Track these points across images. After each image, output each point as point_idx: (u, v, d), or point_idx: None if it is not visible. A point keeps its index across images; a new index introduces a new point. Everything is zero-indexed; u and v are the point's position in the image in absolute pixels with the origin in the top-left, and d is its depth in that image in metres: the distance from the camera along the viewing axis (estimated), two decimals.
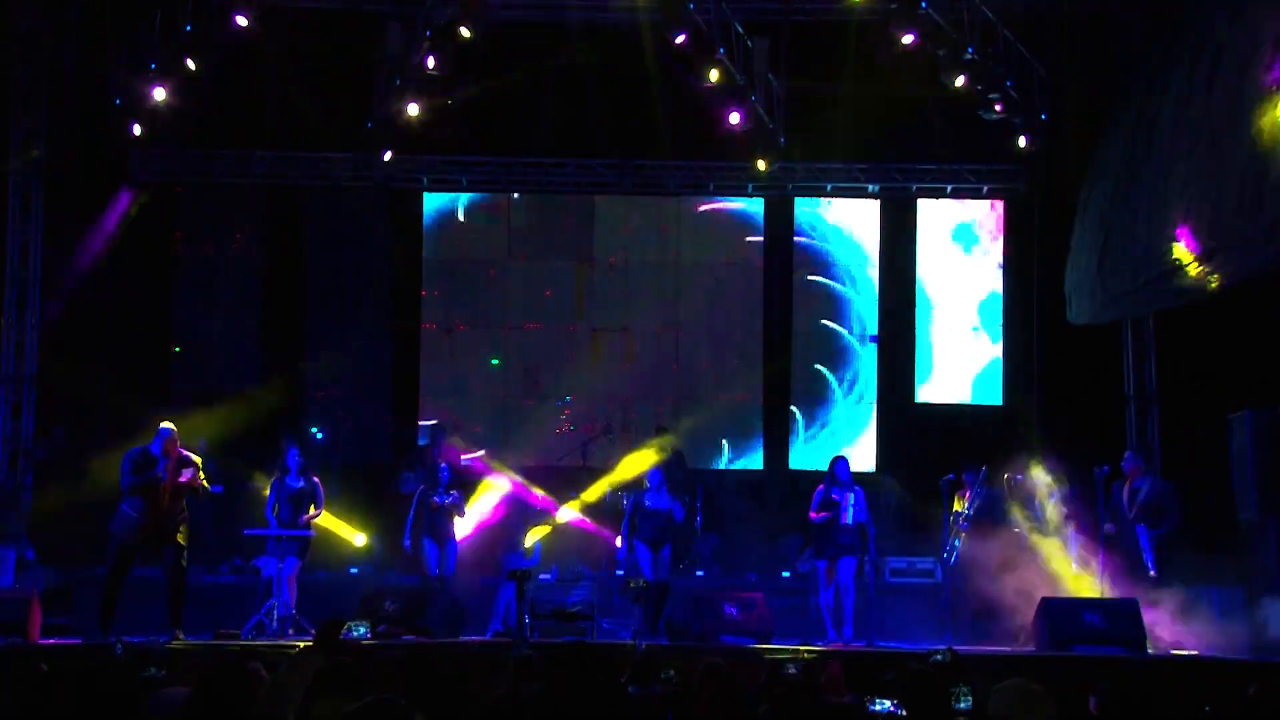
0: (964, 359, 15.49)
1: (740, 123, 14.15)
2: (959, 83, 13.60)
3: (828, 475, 11.48)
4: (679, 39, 13.49)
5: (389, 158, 14.64)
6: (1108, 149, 12.94)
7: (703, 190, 15.69)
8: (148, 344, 14.89)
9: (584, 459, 14.54)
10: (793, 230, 15.68)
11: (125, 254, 14.38)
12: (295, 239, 15.47)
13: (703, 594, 11.61)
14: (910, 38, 13.42)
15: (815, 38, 14.41)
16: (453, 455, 13.28)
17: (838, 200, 15.67)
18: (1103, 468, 11.13)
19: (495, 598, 11.51)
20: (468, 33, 13.57)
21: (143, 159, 14.74)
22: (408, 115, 13.97)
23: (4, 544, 11.92)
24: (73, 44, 13.64)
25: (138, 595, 10.53)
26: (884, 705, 4.73)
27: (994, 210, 15.60)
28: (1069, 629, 10.24)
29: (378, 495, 13.86)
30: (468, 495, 12.42)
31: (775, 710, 5.22)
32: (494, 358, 15.69)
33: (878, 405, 15.47)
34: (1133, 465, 11.39)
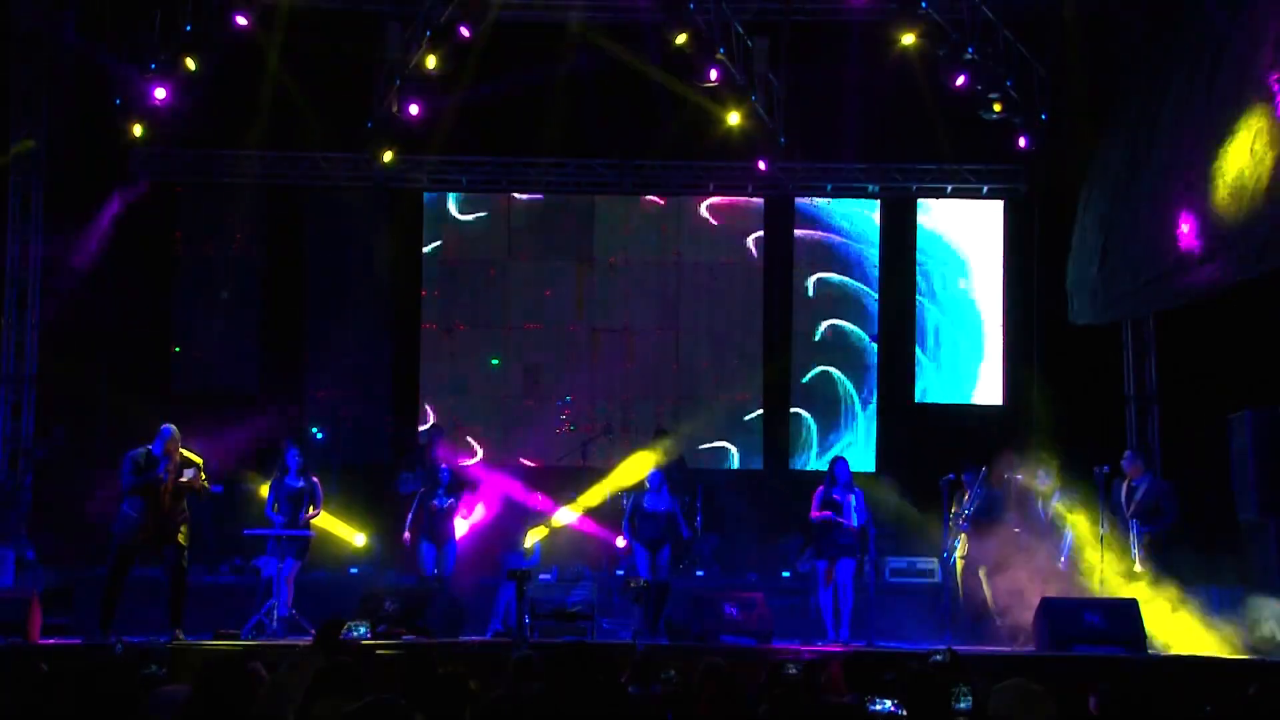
0: (964, 359, 15.50)
1: (740, 123, 14.16)
2: (959, 83, 13.61)
3: (827, 476, 11.47)
4: (679, 39, 13.51)
5: (389, 158, 14.66)
6: (1108, 149, 12.94)
7: (703, 190, 15.69)
8: (148, 344, 14.89)
9: (584, 459, 14.56)
10: (792, 230, 15.67)
11: (125, 254, 14.37)
12: (295, 239, 15.46)
13: (703, 594, 11.59)
14: (910, 38, 13.44)
15: (815, 38, 14.42)
16: (449, 456, 13.27)
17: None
18: (1103, 467, 11.13)
19: (495, 598, 11.51)
20: (468, 33, 13.59)
21: (143, 159, 14.73)
22: (408, 115, 13.97)
23: (4, 544, 11.90)
24: (73, 44, 13.62)
25: (138, 595, 10.52)
26: (884, 705, 4.72)
27: (994, 210, 15.60)
28: (1069, 629, 10.23)
29: (378, 495, 13.85)
30: (466, 496, 12.42)
31: (775, 710, 5.22)
32: (494, 358, 15.68)
33: (878, 405, 15.48)
34: (1132, 464, 11.39)
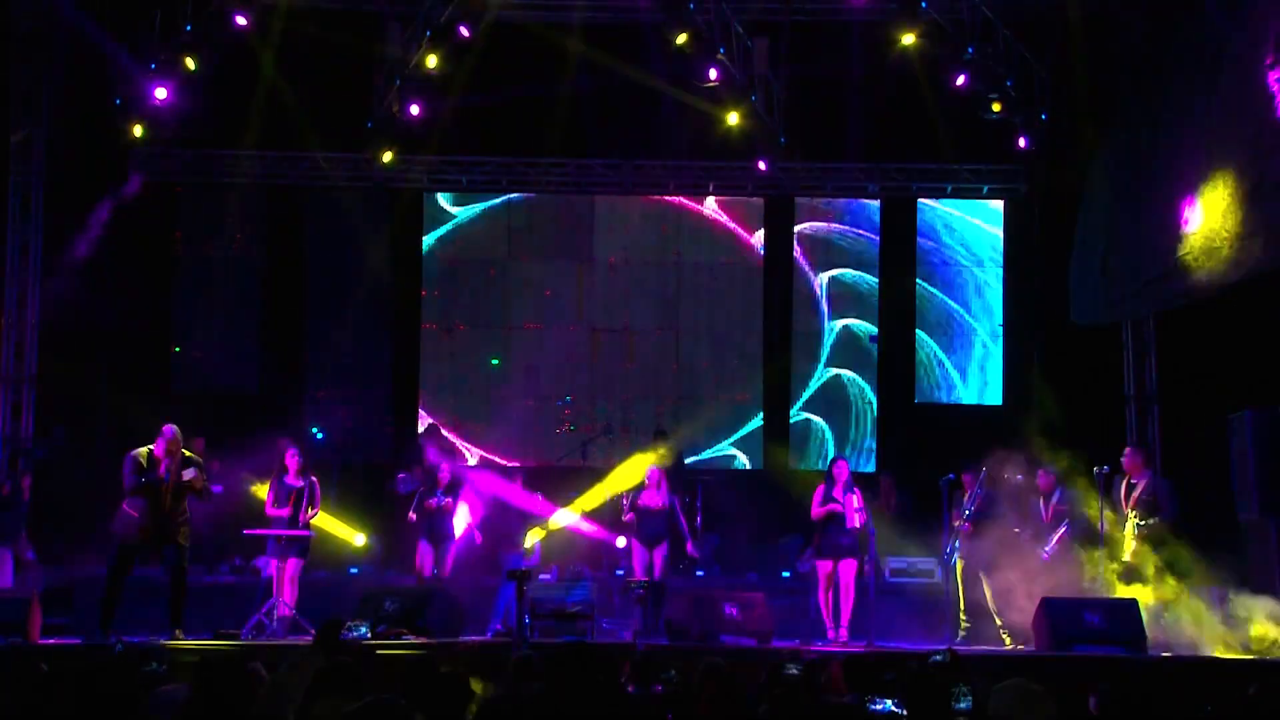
0: (965, 359, 15.50)
1: (740, 123, 14.16)
2: (959, 83, 13.61)
3: (827, 476, 11.44)
4: (679, 39, 13.51)
5: (389, 158, 14.65)
6: (1108, 149, 12.94)
7: (703, 190, 15.69)
8: (148, 344, 14.88)
9: (584, 459, 14.55)
10: (792, 230, 15.68)
11: (125, 254, 14.36)
12: (295, 239, 15.47)
13: (703, 594, 11.58)
14: (910, 38, 13.44)
15: (815, 38, 14.42)
16: (446, 457, 13.25)
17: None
18: (1103, 467, 11.12)
19: (495, 598, 11.49)
20: (467, 32, 13.59)
21: (143, 159, 14.73)
22: (408, 115, 13.97)
23: (4, 544, 11.89)
24: (74, 29, 13.57)
25: (138, 595, 10.52)
26: (884, 705, 4.72)
27: (994, 210, 15.60)
28: (1069, 629, 10.22)
29: (377, 495, 13.86)
30: (465, 496, 12.42)
31: (775, 710, 5.21)
32: (494, 358, 15.68)
33: (878, 405, 15.47)
34: (1132, 460, 11.37)
